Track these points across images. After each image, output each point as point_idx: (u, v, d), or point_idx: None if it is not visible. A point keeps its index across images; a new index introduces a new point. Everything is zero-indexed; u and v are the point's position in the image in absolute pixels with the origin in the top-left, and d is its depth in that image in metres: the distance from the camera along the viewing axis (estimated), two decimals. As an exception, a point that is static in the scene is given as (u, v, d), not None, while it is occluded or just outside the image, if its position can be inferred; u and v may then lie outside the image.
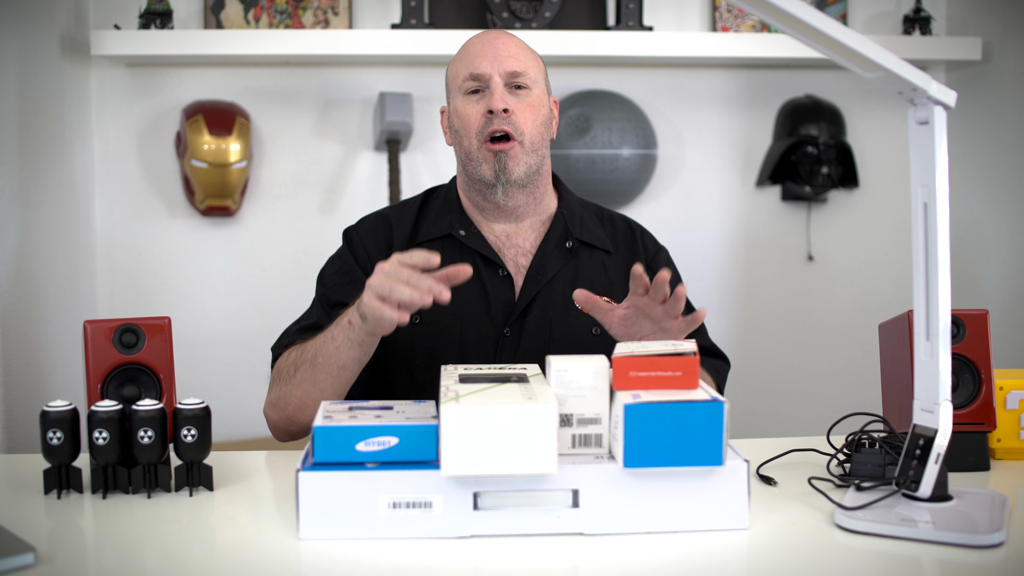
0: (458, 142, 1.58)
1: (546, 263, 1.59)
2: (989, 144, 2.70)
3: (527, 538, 1.06)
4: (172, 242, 2.68)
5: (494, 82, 1.53)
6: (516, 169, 1.53)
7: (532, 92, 1.56)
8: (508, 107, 1.52)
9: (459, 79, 1.56)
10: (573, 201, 1.68)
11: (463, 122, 1.55)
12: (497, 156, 1.53)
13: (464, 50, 1.59)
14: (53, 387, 2.23)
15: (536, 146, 1.55)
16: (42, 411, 1.20)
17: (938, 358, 1.12)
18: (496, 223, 1.62)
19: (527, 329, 1.56)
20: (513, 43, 1.57)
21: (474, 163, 1.55)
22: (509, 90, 1.54)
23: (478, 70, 1.54)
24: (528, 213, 1.62)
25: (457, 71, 1.58)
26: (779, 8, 1.03)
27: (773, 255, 2.89)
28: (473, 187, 1.59)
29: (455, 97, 1.58)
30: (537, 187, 1.60)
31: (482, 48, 1.56)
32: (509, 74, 1.54)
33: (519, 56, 1.56)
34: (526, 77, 1.55)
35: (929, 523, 1.07)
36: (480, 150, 1.54)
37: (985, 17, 2.70)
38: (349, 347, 1.39)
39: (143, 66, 2.63)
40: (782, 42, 2.59)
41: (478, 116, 1.53)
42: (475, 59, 1.55)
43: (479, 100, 1.54)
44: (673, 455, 1.05)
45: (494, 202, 1.58)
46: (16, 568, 0.98)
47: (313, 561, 1.02)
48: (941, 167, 1.11)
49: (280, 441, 1.56)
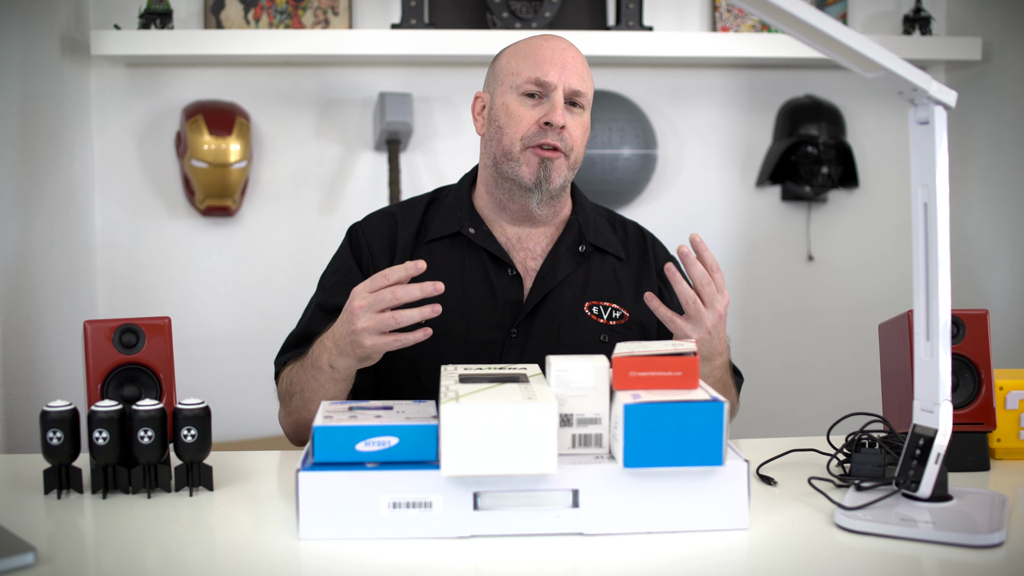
0: (497, 137, 1.55)
1: (557, 266, 1.58)
2: (989, 144, 2.70)
3: (527, 538, 1.06)
4: (172, 242, 2.68)
5: (557, 94, 1.51)
6: (557, 179, 1.53)
7: (585, 112, 1.56)
8: (565, 124, 1.51)
9: (519, 77, 1.53)
10: (587, 206, 1.67)
11: (513, 121, 1.53)
12: (543, 162, 1.52)
13: (530, 50, 1.55)
14: (53, 387, 2.23)
15: (576, 163, 1.57)
16: (42, 411, 1.20)
17: (938, 358, 1.12)
18: (511, 225, 1.61)
19: (534, 331, 1.55)
20: (581, 60, 1.56)
21: (513, 163, 1.53)
22: (567, 107, 1.53)
23: (546, 77, 1.51)
24: (546, 221, 1.62)
25: (519, 68, 1.54)
26: (779, 8, 1.03)
27: (773, 255, 2.89)
28: (501, 185, 1.57)
29: (507, 92, 1.55)
30: (561, 199, 1.61)
31: (552, 56, 1.53)
32: (573, 91, 1.52)
33: (584, 75, 1.55)
34: (584, 98, 1.55)
35: (929, 523, 1.07)
36: (524, 152, 1.52)
37: (985, 17, 2.70)
38: (333, 384, 1.43)
39: (143, 66, 2.63)
40: (782, 42, 2.59)
41: (531, 122, 1.52)
42: (543, 65, 1.52)
43: (535, 106, 1.53)
44: (673, 455, 1.05)
45: (521, 204, 1.57)
46: (16, 568, 0.98)
47: (313, 561, 1.02)
48: (941, 167, 1.11)
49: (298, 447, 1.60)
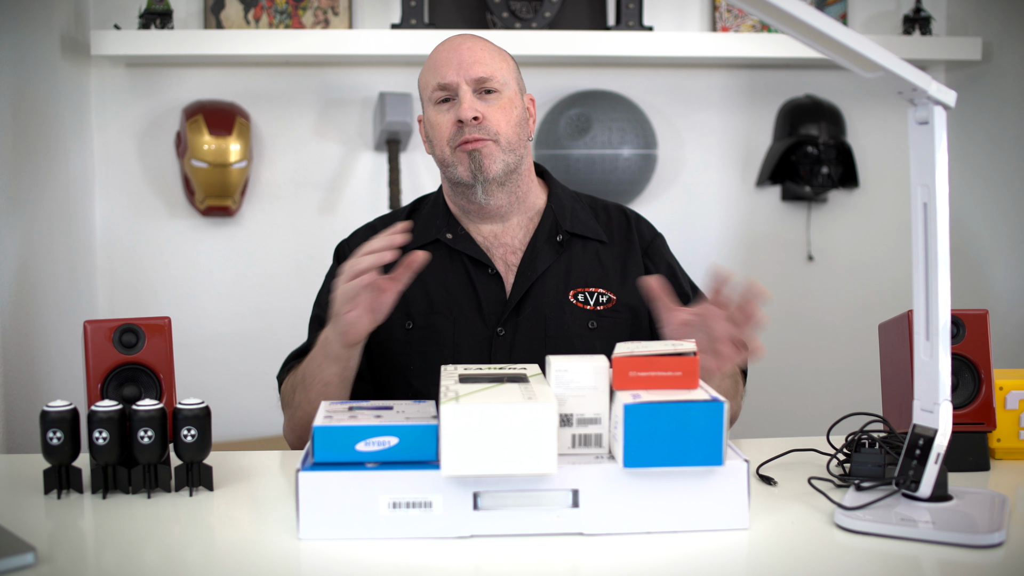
0: (433, 151, 1.59)
1: (536, 258, 1.59)
2: (989, 144, 2.70)
3: (527, 538, 1.06)
4: (172, 242, 2.68)
5: (462, 90, 1.52)
6: (493, 167, 1.53)
7: (503, 95, 1.55)
8: (479, 114, 1.51)
9: (428, 89, 1.56)
10: (564, 194, 1.67)
11: (435, 131, 1.55)
12: (472, 155, 1.52)
13: (431, 59, 1.57)
14: (53, 387, 2.23)
15: (513, 145, 1.55)
16: (42, 411, 1.20)
17: (938, 358, 1.12)
18: (483, 224, 1.62)
19: (521, 327, 1.56)
20: (479, 47, 1.55)
21: (450, 167, 1.55)
22: (479, 95, 1.53)
23: (445, 80, 1.53)
24: (513, 211, 1.62)
25: (426, 81, 1.57)
26: (779, 8, 1.03)
27: (773, 255, 2.88)
28: (456, 191, 1.60)
29: (427, 107, 1.58)
30: (518, 186, 1.60)
31: (447, 57, 1.54)
32: (476, 80, 1.52)
33: (485, 61, 1.54)
34: (494, 81, 1.54)
35: (929, 523, 1.07)
36: (454, 153, 1.54)
37: (985, 17, 2.70)
38: (328, 363, 1.44)
39: (143, 66, 2.63)
40: (782, 42, 2.59)
41: (449, 125, 1.53)
42: (441, 68, 1.54)
43: (449, 109, 1.54)
44: (673, 455, 1.05)
45: (476, 203, 1.58)
46: (16, 568, 0.98)
47: (313, 561, 1.02)
48: (941, 167, 1.11)
49: None
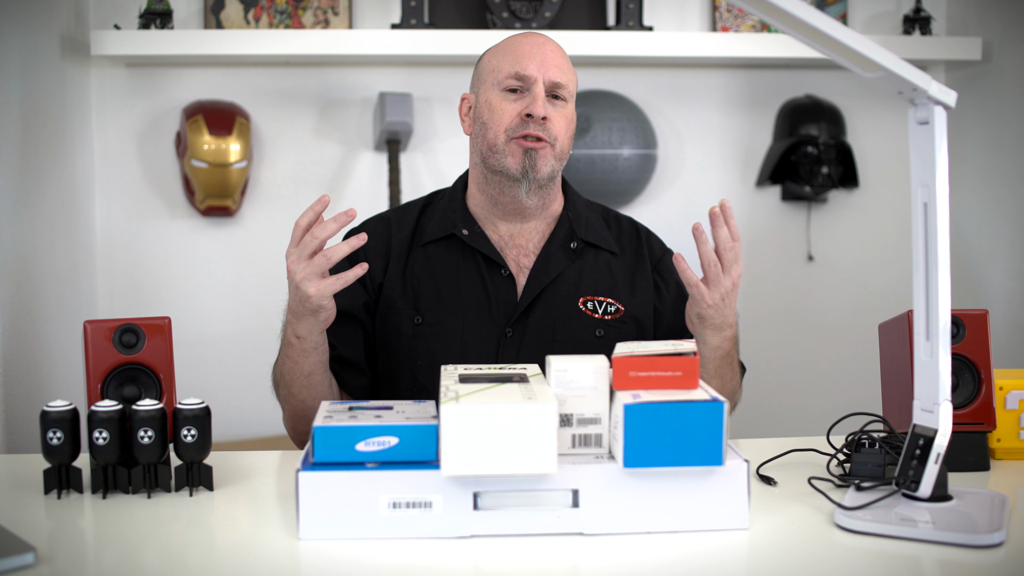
0: (482, 133, 1.57)
1: (549, 263, 1.59)
2: (989, 144, 2.69)
3: (527, 538, 1.06)
4: (172, 242, 2.68)
5: (538, 87, 1.53)
6: (544, 168, 1.54)
7: (568, 105, 1.57)
8: (547, 115, 1.52)
9: (500, 73, 1.55)
10: (579, 202, 1.68)
11: (496, 116, 1.55)
12: (527, 152, 1.53)
13: (510, 47, 1.57)
14: (53, 387, 2.23)
15: (563, 154, 1.57)
16: (42, 411, 1.20)
17: (938, 358, 1.12)
18: (503, 222, 1.62)
19: (529, 330, 1.56)
20: (560, 53, 1.57)
21: (499, 155, 1.54)
22: (548, 99, 1.54)
23: (525, 71, 1.53)
24: (536, 215, 1.62)
25: (499, 65, 1.56)
26: (779, 8, 1.03)
27: (773, 255, 2.88)
28: (491, 180, 1.58)
29: (490, 89, 1.57)
30: (550, 191, 1.61)
31: (531, 50, 1.55)
32: (553, 83, 1.54)
33: (564, 68, 1.56)
34: (566, 90, 1.56)
35: (929, 523, 1.07)
36: (508, 144, 1.53)
37: (985, 17, 2.70)
38: (303, 357, 1.45)
39: (143, 66, 2.63)
40: (782, 42, 2.59)
41: (513, 115, 1.53)
42: (522, 59, 1.54)
43: (517, 100, 1.54)
44: (673, 455, 1.05)
45: (512, 196, 1.57)
46: (16, 568, 0.98)
47: (313, 561, 1.02)
48: (941, 167, 1.11)
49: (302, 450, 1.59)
